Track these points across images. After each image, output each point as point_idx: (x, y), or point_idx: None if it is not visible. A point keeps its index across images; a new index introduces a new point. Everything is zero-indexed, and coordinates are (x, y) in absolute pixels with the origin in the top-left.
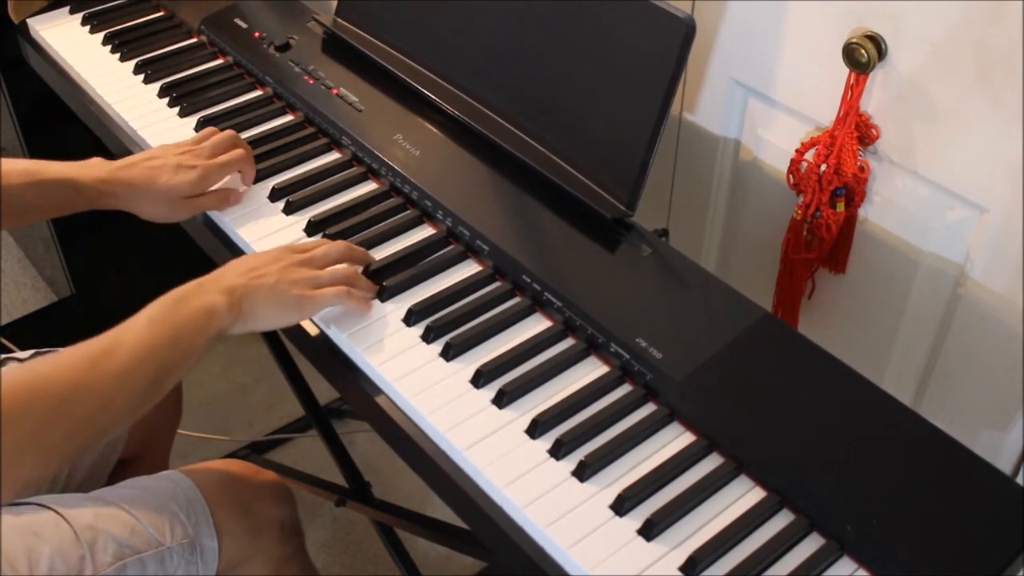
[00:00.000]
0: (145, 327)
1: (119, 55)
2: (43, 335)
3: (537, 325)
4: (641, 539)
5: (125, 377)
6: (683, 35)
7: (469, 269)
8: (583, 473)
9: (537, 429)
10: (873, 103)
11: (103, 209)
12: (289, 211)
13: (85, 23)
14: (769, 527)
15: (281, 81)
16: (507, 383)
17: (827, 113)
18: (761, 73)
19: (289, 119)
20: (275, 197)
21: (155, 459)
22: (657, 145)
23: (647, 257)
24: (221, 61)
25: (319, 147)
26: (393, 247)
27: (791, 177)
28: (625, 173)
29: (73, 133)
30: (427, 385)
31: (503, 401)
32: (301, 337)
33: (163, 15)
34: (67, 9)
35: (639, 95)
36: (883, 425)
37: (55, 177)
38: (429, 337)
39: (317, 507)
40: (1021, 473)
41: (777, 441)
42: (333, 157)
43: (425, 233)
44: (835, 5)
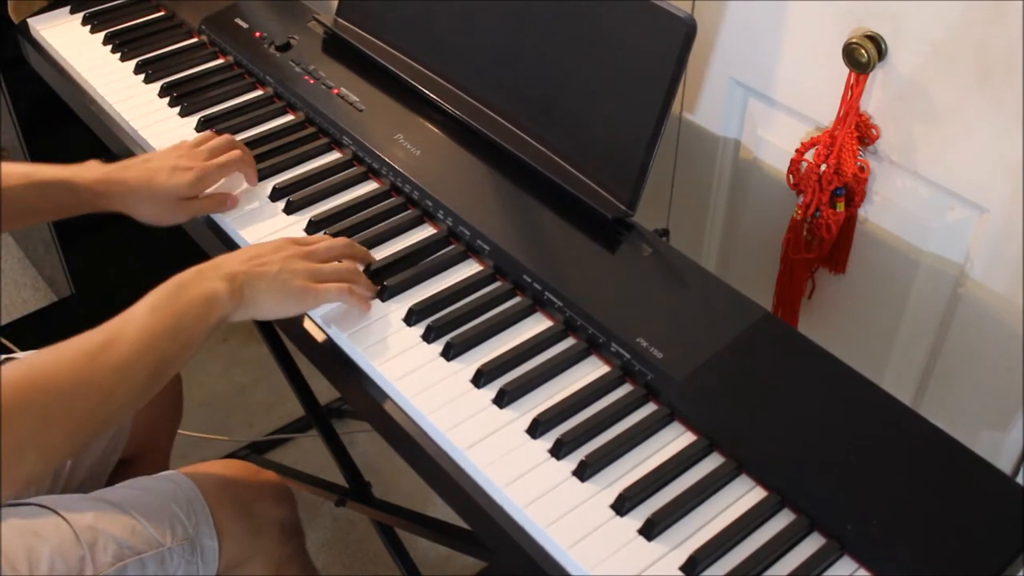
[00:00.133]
0: (145, 317)
1: (119, 55)
2: (43, 335)
3: (538, 325)
4: (642, 539)
5: (126, 370)
6: (683, 35)
7: (470, 269)
8: (584, 473)
9: (538, 429)
10: (873, 103)
11: (100, 211)
12: (290, 211)
13: (85, 23)
14: (769, 527)
15: (282, 81)
16: (508, 383)
17: (827, 113)
18: (761, 73)
19: (290, 119)
20: (276, 197)
21: (155, 459)
22: (657, 145)
23: (647, 257)
24: (221, 61)
25: (320, 147)
26: (394, 247)
27: (791, 177)
28: (625, 173)
29: (73, 133)
30: (428, 385)
31: (504, 401)
32: (301, 337)
33: (163, 15)
34: (67, 9)
35: (639, 95)
36: (883, 425)
37: (52, 179)
38: (430, 337)
39: (317, 507)
40: (1021, 473)
41: (777, 441)
42: (334, 157)
43: (426, 233)
44: (835, 5)
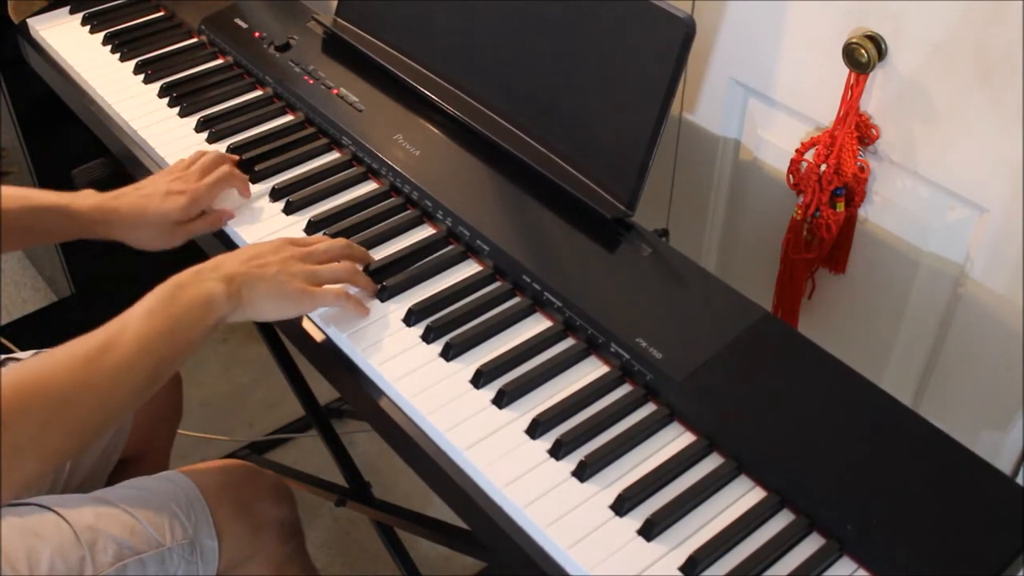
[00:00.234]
0: (143, 320)
1: (119, 55)
2: (43, 335)
3: (537, 325)
4: (641, 539)
5: (124, 373)
6: (683, 35)
7: (469, 269)
8: (583, 473)
9: (537, 429)
10: (873, 103)
11: (96, 238)
12: (289, 211)
13: (85, 23)
14: (769, 527)
15: (281, 81)
16: (507, 383)
17: (827, 113)
18: (761, 73)
19: (289, 119)
20: (275, 197)
21: (155, 459)
22: (657, 145)
23: (647, 257)
24: (221, 61)
25: (319, 147)
26: (393, 247)
27: (791, 177)
28: (625, 173)
29: (73, 133)
30: (427, 385)
31: (503, 401)
32: (301, 337)
33: (163, 15)
34: (67, 9)
35: (639, 95)
36: (883, 425)
37: (48, 204)
38: (429, 337)
39: (317, 507)
40: (1021, 473)
41: (777, 441)
42: (333, 157)
43: (425, 233)
44: (835, 5)
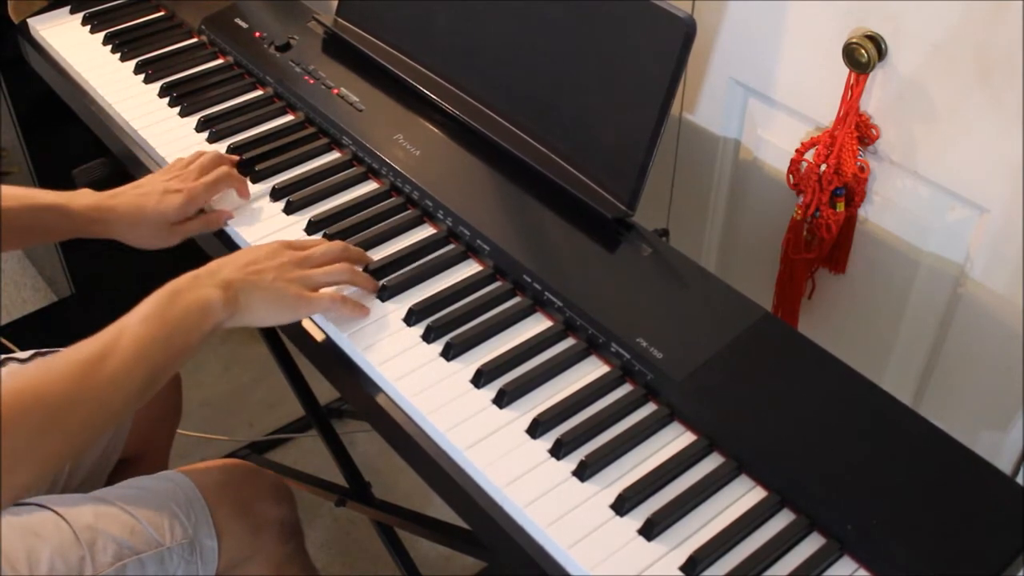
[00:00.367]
0: (140, 326)
1: (119, 55)
2: (43, 335)
3: (537, 325)
4: (641, 539)
5: (120, 381)
6: (683, 35)
7: (469, 269)
8: (583, 473)
9: (538, 429)
10: (873, 103)
11: (94, 237)
12: (289, 211)
13: (85, 23)
14: (769, 527)
15: (281, 81)
16: (507, 383)
17: (827, 113)
18: (761, 73)
19: (289, 119)
20: (275, 197)
21: (155, 459)
22: (657, 145)
23: (647, 257)
24: (221, 61)
25: (319, 147)
26: (393, 247)
27: (791, 177)
28: (625, 173)
29: (73, 133)
30: (427, 385)
31: (504, 401)
32: (301, 337)
33: (163, 15)
34: (67, 9)
35: (639, 95)
36: (883, 425)
37: (46, 203)
38: (430, 337)
39: (317, 507)
40: (1021, 473)
41: (777, 441)
42: (333, 157)
43: (425, 233)
44: (835, 5)
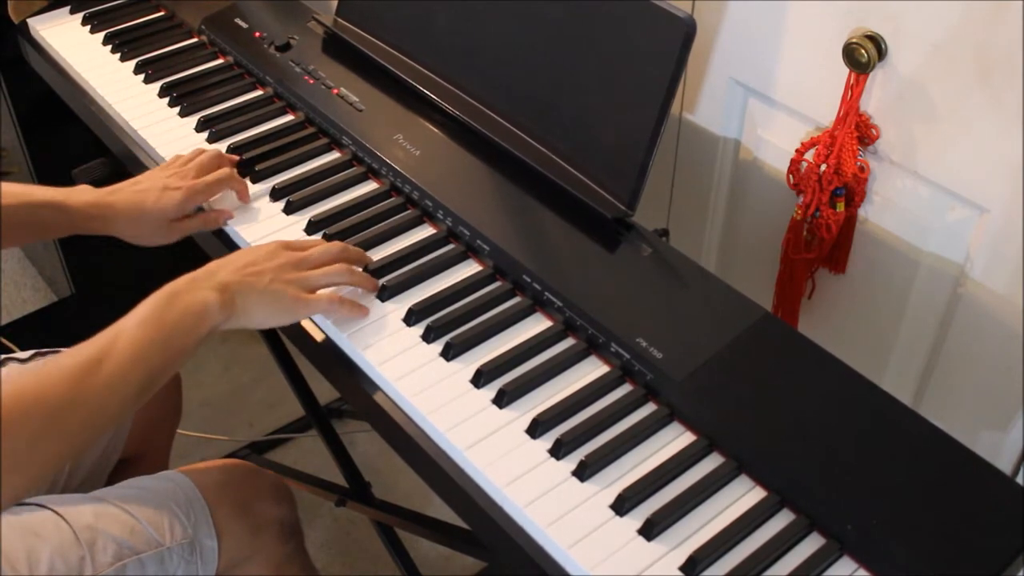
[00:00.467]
0: (137, 329)
1: (119, 55)
2: (43, 335)
3: (537, 325)
4: (641, 539)
5: (116, 385)
6: (683, 35)
7: (469, 269)
8: (583, 473)
9: (537, 429)
10: (873, 103)
11: (91, 234)
12: (289, 211)
13: (85, 23)
14: (769, 527)
15: (281, 81)
16: (507, 383)
17: (827, 113)
18: (761, 73)
19: (289, 119)
20: (275, 197)
21: (155, 459)
22: (657, 145)
23: (647, 257)
24: (221, 61)
25: (319, 147)
26: (393, 247)
27: (791, 177)
28: (625, 173)
29: (73, 133)
30: (427, 385)
31: (503, 401)
32: (301, 337)
33: (163, 15)
34: (67, 9)
35: (639, 95)
36: (883, 425)
37: (45, 200)
38: (429, 337)
39: (317, 507)
40: (1021, 473)
41: (777, 441)
42: (333, 157)
43: (425, 233)
44: (835, 5)
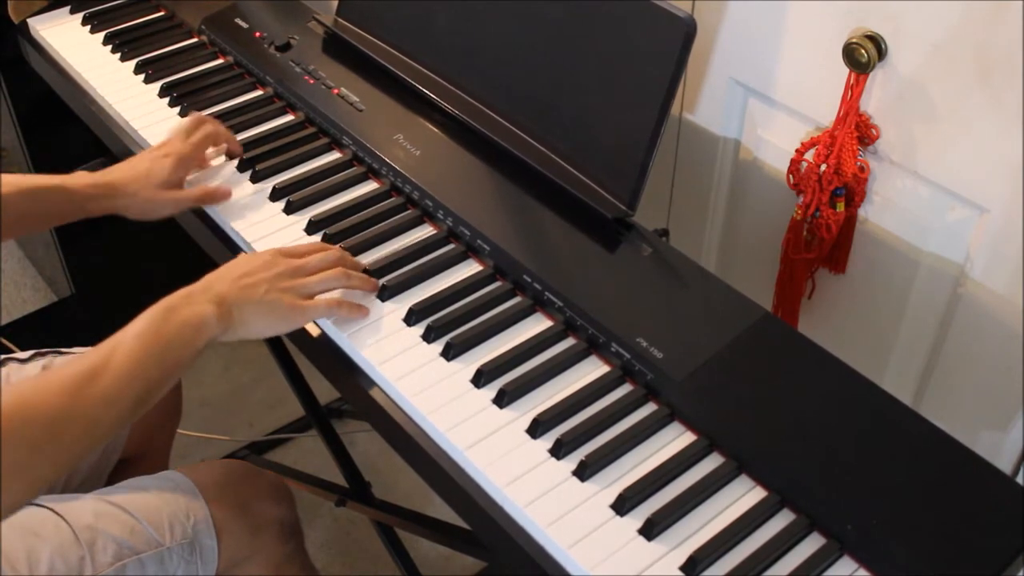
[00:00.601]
0: (133, 342)
1: (119, 55)
2: (43, 335)
3: (538, 325)
4: (642, 539)
5: (112, 398)
6: (683, 35)
7: (470, 269)
8: (584, 473)
9: (538, 429)
10: (873, 103)
11: (92, 216)
12: (290, 211)
13: (85, 23)
14: (769, 527)
15: (282, 81)
16: (508, 383)
17: (827, 113)
18: (761, 73)
19: (290, 119)
20: (276, 197)
21: (155, 459)
22: (658, 145)
23: (647, 257)
24: (221, 61)
25: (320, 147)
26: (393, 247)
27: (791, 177)
28: (626, 173)
29: (73, 133)
30: (428, 385)
31: (504, 401)
32: (301, 337)
33: (163, 15)
34: (67, 9)
35: (639, 95)
36: (883, 425)
37: (46, 185)
38: (430, 337)
39: (317, 507)
40: (1021, 473)
41: (777, 441)
42: (334, 157)
43: (426, 233)
44: (835, 5)
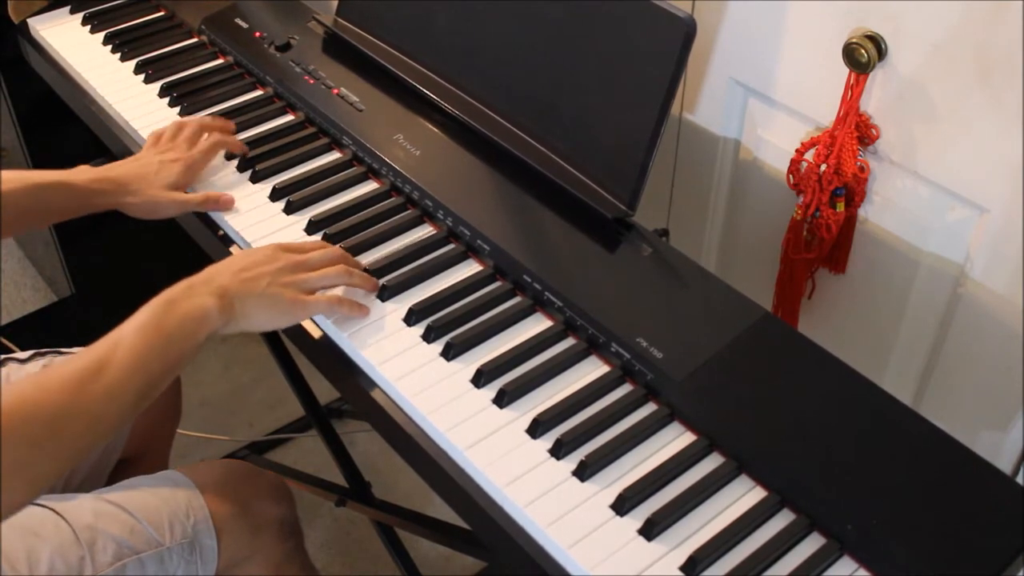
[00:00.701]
0: (135, 336)
1: (119, 55)
2: (43, 335)
3: (538, 325)
4: (641, 539)
5: (114, 394)
6: (683, 35)
7: (470, 269)
8: (584, 473)
9: (538, 429)
10: (873, 103)
11: (96, 211)
12: (290, 211)
13: (85, 23)
14: (769, 527)
15: (282, 81)
16: (508, 383)
17: (827, 113)
18: (761, 73)
19: (290, 119)
20: (276, 197)
21: (155, 459)
22: (657, 145)
23: (647, 257)
24: (221, 61)
25: (320, 147)
26: (393, 247)
27: (791, 177)
28: (626, 173)
29: (73, 133)
30: (428, 385)
31: (504, 401)
32: (301, 337)
33: (163, 15)
34: (67, 9)
35: (639, 95)
36: (883, 425)
37: (48, 181)
38: (430, 337)
39: (317, 507)
40: (1021, 473)
41: (777, 441)
42: (334, 157)
43: (425, 233)
44: (835, 5)
